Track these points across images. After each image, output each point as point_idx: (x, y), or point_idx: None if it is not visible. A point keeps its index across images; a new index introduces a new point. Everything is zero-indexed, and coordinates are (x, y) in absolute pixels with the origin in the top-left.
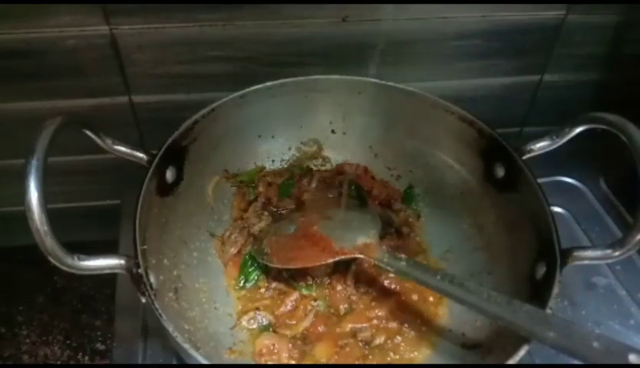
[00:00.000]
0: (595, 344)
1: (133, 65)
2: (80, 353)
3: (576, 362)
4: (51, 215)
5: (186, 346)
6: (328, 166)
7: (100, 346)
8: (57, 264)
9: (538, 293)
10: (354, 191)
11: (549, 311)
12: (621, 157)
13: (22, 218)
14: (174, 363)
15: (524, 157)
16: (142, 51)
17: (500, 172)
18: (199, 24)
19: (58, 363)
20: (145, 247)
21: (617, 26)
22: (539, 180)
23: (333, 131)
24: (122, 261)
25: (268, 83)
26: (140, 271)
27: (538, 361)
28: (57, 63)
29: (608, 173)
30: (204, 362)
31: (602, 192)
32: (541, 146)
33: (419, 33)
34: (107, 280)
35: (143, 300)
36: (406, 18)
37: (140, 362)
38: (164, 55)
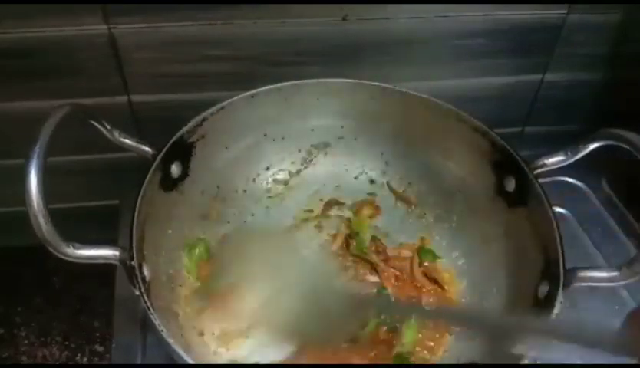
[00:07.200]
0: None
1: (132, 64)
2: (79, 354)
3: (578, 361)
4: (51, 216)
5: (170, 341)
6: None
7: (99, 348)
8: (53, 251)
9: (540, 312)
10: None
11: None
12: (624, 158)
13: (22, 218)
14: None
15: (536, 171)
16: (141, 51)
17: (511, 185)
18: (199, 23)
19: (57, 364)
20: (142, 239)
21: (619, 25)
22: (540, 180)
23: (344, 136)
24: (117, 252)
25: (279, 84)
26: (134, 263)
27: (538, 361)
28: (56, 62)
29: (610, 174)
30: (184, 356)
31: (604, 192)
32: (554, 161)
33: (420, 32)
34: (106, 281)
35: (137, 293)
36: (407, 17)
37: (139, 362)
38: (163, 54)
